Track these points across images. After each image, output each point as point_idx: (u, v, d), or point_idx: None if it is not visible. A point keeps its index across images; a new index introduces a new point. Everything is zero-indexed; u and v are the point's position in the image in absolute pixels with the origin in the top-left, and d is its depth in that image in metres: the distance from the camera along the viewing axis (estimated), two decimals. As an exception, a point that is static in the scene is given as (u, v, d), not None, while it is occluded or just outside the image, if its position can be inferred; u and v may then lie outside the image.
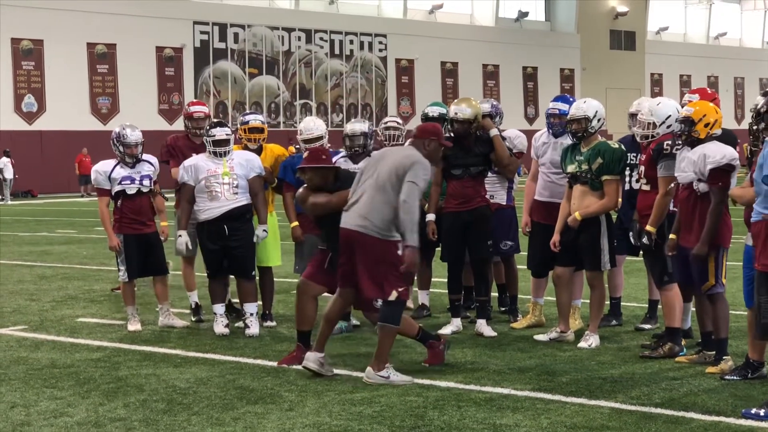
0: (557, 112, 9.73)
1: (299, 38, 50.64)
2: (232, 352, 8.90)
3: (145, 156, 10.22)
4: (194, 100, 13.62)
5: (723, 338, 7.97)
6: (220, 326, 9.82)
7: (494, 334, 9.50)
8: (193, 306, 10.61)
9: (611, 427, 6.45)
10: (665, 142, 8.37)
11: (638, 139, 8.79)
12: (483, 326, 9.57)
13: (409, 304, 10.99)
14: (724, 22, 71.11)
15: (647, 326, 9.66)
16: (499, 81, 58.17)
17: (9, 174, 38.93)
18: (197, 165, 9.76)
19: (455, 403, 7.11)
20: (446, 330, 9.59)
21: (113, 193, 10.11)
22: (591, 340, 8.95)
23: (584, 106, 9.06)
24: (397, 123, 10.54)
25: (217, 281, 9.87)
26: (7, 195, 38.71)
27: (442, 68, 55.94)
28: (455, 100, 9.91)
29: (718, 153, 7.82)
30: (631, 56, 64.74)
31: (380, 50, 53.74)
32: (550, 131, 9.80)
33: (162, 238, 10.22)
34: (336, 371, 8.07)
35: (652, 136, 8.56)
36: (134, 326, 10.07)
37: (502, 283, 10.61)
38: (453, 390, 7.49)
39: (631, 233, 8.82)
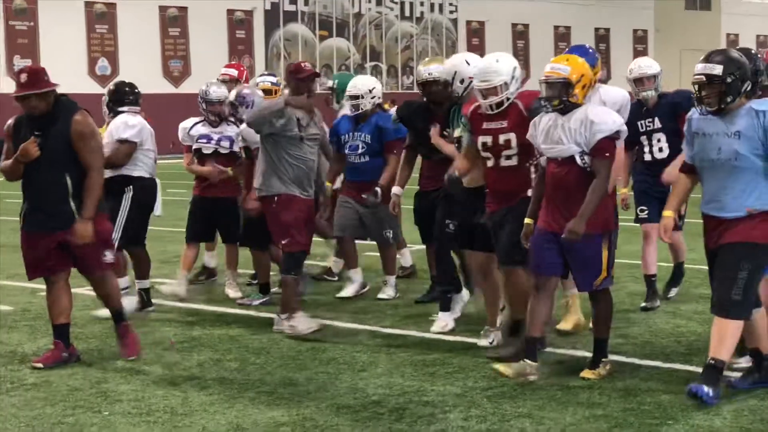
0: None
1: (369, 0, 50.47)
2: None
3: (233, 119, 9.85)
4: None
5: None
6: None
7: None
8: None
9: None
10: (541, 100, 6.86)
11: (487, 109, 7.20)
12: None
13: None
14: (803, -19, 69.54)
15: None
16: (570, 42, 57.23)
17: None
18: None
19: (528, 365, 7.06)
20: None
21: (192, 151, 9.97)
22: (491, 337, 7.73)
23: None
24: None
25: None
26: None
27: (513, 30, 55.41)
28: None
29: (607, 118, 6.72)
30: (707, 16, 63.55)
31: (451, 12, 53.36)
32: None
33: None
34: (409, 332, 8.08)
35: (507, 99, 7.17)
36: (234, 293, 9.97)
37: None
38: (526, 352, 7.43)
39: None
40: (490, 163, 7.27)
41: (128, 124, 9.00)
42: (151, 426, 5.92)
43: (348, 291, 9.80)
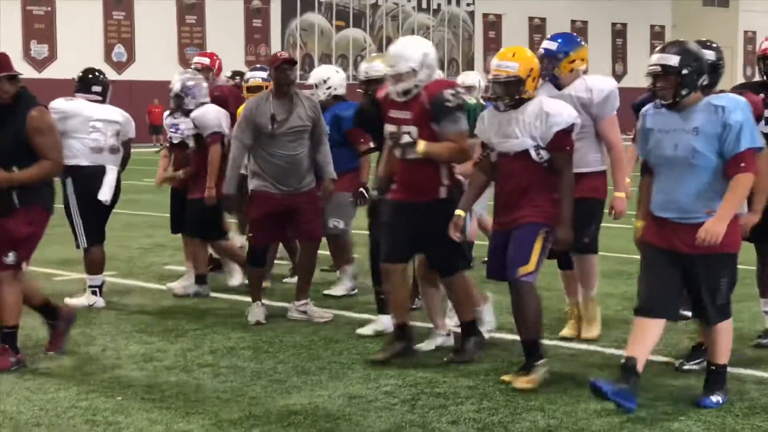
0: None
1: (386, -9, 50.50)
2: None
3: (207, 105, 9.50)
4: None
5: None
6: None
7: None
8: None
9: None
10: (447, 91, 6.88)
11: (397, 97, 6.95)
12: None
13: None
14: (822, -21, 69.22)
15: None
16: (587, 37, 57.36)
17: None
18: None
19: (540, 358, 7.06)
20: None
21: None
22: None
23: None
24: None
25: None
26: None
27: (529, 24, 55.38)
28: None
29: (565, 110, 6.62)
30: (725, 13, 63.37)
31: (468, 4, 53.37)
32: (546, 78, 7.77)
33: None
34: (422, 324, 8.09)
35: (416, 86, 6.87)
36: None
37: None
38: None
39: None
40: (397, 154, 7.03)
41: (53, 108, 8.62)
42: (164, 412, 5.94)
43: (337, 290, 9.52)
